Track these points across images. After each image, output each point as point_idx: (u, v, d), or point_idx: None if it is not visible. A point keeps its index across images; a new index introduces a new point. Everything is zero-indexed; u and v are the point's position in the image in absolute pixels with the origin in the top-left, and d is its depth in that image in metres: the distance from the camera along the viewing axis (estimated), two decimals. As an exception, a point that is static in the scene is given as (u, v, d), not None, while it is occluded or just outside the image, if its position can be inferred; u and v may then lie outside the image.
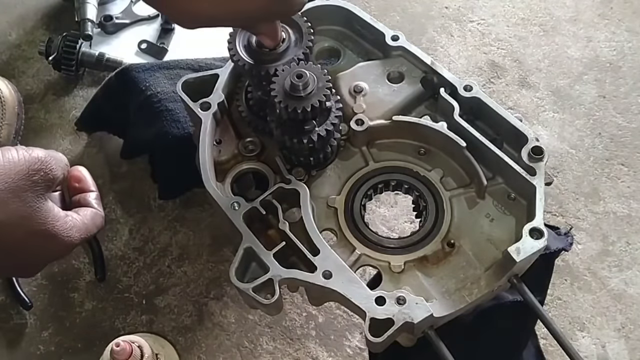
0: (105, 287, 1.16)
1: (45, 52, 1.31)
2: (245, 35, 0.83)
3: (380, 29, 0.90)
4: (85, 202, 0.79)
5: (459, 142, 0.82)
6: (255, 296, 0.74)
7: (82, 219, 0.75)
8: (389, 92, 0.88)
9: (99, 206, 0.80)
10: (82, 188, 0.80)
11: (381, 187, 0.86)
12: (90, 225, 0.76)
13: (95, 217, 0.78)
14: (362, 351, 1.10)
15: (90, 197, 0.80)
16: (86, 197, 0.80)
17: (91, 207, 0.79)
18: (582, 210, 1.23)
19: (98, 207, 0.80)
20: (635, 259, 1.18)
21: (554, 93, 1.37)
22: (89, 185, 0.81)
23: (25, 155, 0.69)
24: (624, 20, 1.45)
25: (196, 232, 1.21)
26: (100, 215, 0.79)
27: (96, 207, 0.79)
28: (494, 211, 0.82)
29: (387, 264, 0.80)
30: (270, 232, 0.80)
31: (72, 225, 0.73)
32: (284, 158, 0.85)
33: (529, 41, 1.43)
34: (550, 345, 1.06)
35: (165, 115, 1.11)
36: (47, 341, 1.12)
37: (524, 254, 0.72)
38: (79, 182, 0.80)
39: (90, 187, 0.81)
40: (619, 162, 1.28)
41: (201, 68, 1.16)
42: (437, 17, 1.48)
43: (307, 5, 0.91)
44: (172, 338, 1.11)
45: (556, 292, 1.14)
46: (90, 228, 0.76)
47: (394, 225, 1.20)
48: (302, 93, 0.76)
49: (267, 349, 1.11)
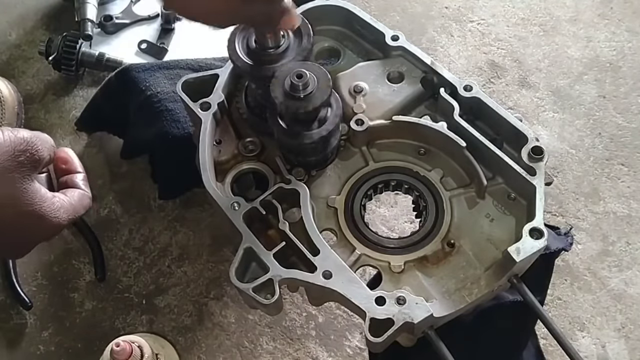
0: (105, 287, 1.16)
1: (45, 52, 1.31)
2: (245, 36, 0.83)
3: (380, 29, 0.90)
4: (72, 183, 0.79)
5: (459, 142, 0.82)
6: (255, 296, 0.74)
7: (69, 200, 0.76)
8: (389, 92, 0.88)
9: (86, 187, 0.80)
10: (69, 169, 0.80)
11: (381, 187, 0.86)
12: (77, 206, 0.76)
13: (82, 198, 0.78)
14: (362, 351, 1.10)
15: (77, 179, 0.80)
16: (73, 178, 0.80)
17: (78, 188, 0.79)
18: (582, 210, 1.23)
19: (85, 188, 0.80)
20: (635, 259, 1.18)
21: (554, 93, 1.37)
22: (75, 166, 0.81)
23: (10, 136, 0.69)
24: (624, 20, 1.45)
25: (196, 232, 1.21)
26: (87, 196, 0.79)
27: (83, 188, 0.79)
28: (494, 211, 0.82)
29: (387, 264, 0.80)
30: (270, 232, 0.80)
31: (60, 206, 0.73)
32: (284, 158, 0.85)
33: (529, 41, 1.43)
34: (550, 345, 1.06)
35: (165, 115, 1.11)
36: (47, 341, 1.12)
37: (524, 254, 0.72)
38: (65, 163, 0.80)
39: (77, 168, 0.81)
40: (619, 162, 1.28)
41: (201, 68, 1.16)
42: (437, 17, 1.48)
43: (307, 5, 0.91)
44: (172, 338, 1.11)
45: (556, 292, 1.14)
46: (77, 209, 0.76)
47: (394, 225, 1.20)
48: (302, 93, 0.76)
49: (267, 349, 1.11)
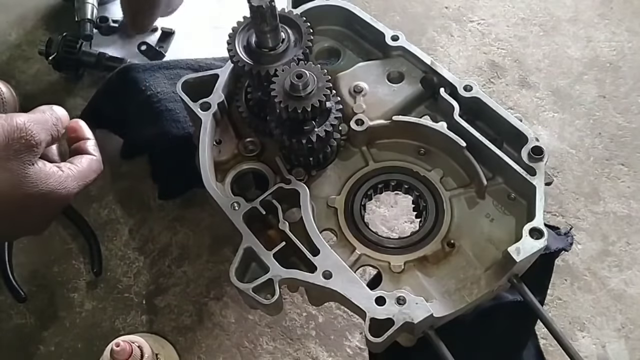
0: (105, 287, 1.16)
1: (45, 52, 1.31)
2: (245, 35, 0.83)
3: (380, 29, 0.90)
4: (81, 149, 0.80)
5: (459, 142, 0.82)
6: (255, 296, 0.74)
7: (76, 167, 0.76)
8: (389, 92, 0.88)
9: (95, 152, 0.81)
10: (78, 137, 0.81)
11: (381, 187, 0.86)
12: (86, 171, 0.77)
13: (91, 162, 0.79)
14: (362, 351, 1.10)
15: (86, 144, 0.81)
16: (82, 144, 0.80)
17: (87, 153, 0.79)
18: (582, 210, 1.23)
19: (95, 152, 0.80)
20: (635, 259, 1.18)
21: (554, 93, 1.37)
22: (84, 133, 0.82)
23: (3, 124, 0.69)
24: (624, 20, 1.45)
25: (196, 232, 1.21)
26: (96, 160, 0.80)
27: (92, 153, 0.80)
28: (494, 211, 0.82)
29: (387, 264, 0.80)
30: (270, 232, 0.80)
31: (67, 176, 0.74)
32: (284, 158, 0.85)
33: (529, 41, 1.43)
34: (550, 345, 1.06)
35: (165, 115, 1.11)
36: (47, 341, 1.12)
37: (524, 254, 0.72)
38: (74, 132, 0.81)
39: (85, 135, 0.82)
40: (619, 162, 1.28)
41: (201, 68, 1.16)
42: (437, 17, 1.48)
43: (307, 5, 0.91)
44: (172, 338, 1.11)
45: (556, 292, 1.14)
46: (87, 174, 0.77)
47: (394, 225, 1.20)
48: (302, 93, 0.76)
49: (267, 349, 1.11)
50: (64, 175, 0.74)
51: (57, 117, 0.77)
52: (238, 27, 0.84)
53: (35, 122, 0.72)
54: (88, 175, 0.78)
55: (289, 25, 0.83)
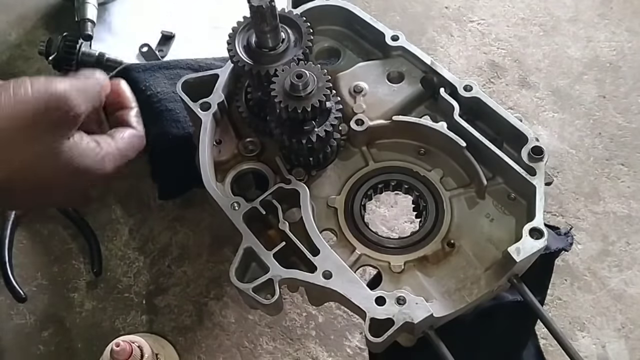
0: (105, 287, 1.16)
1: (45, 52, 1.31)
2: (245, 35, 0.83)
3: (380, 29, 0.90)
4: (122, 120, 0.71)
5: (459, 142, 0.82)
6: (255, 296, 0.74)
7: (116, 144, 0.68)
8: (389, 92, 0.88)
9: (138, 124, 0.72)
10: (121, 103, 0.72)
11: (381, 187, 0.86)
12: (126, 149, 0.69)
13: (132, 139, 0.70)
14: (362, 351, 1.10)
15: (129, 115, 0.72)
16: (124, 114, 0.72)
17: (129, 125, 0.71)
18: (582, 210, 1.23)
19: (138, 125, 0.72)
20: (635, 259, 1.18)
21: (554, 93, 1.37)
22: (128, 101, 0.73)
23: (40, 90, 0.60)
24: (624, 20, 1.45)
25: (196, 232, 1.21)
26: (138, 135, 0.71)
27: (135, 126, 0.72)
28: (494, 211, 0.82)
29: (387, 264, 0.80)
30: (270, 232, 0.80)
31: (105, 154, 0.66)
32: (284, 158, 0.85)
33: (529, 41, 1.43)
34: (550, 345, 1.06)
35: (165, 115, 1.11)
36: (47, 341, 1.12)
37: (524, 254, 0.72)
38: (117, 97, 0.72)
39: (129, 103, 0.73)
40: (619, 162, 1.28)
41: (201, 68, 1.16)
42: (437, 17, 1.48)
43: (307, 5, 0.91)
44: (172, 338, 1.11)
45: (556, 292, 1.14)
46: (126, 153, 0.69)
47: (394, 225, 1.20)
48: (302, 93, 0.76)
49: (267, 349, 1.11)
50: (103, 152, 0.66)
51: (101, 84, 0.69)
52: (238, 27, 0.84)
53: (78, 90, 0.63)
54: (128, 155, 0.69)
55: (289, 25, 0.83)
